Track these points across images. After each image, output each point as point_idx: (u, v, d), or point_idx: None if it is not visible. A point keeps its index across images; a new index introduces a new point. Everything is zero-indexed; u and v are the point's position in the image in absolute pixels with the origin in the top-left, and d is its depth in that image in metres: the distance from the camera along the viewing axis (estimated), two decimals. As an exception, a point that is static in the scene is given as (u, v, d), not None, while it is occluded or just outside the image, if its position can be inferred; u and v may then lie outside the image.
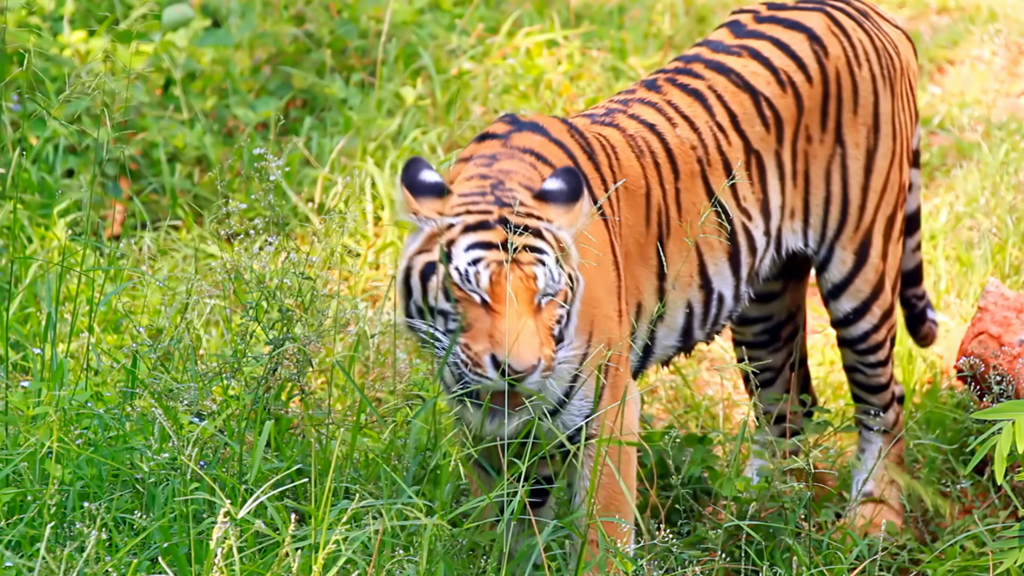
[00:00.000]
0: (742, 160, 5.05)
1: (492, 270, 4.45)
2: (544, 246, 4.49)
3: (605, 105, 5.06)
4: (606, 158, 4.84)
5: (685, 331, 5.05)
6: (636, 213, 4.87)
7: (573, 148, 4.79)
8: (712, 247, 5.02)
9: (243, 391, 4.76)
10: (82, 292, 5.93)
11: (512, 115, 4.85)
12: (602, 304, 4.68)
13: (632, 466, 4.74)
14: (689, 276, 5.00)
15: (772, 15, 5.23)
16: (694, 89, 5.06)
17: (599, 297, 4.67)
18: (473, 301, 4.45)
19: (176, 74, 7.89)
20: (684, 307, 5.01)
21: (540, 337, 4.41)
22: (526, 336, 4.39)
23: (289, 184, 7.50)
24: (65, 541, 4.31)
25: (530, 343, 4.39)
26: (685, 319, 5.03)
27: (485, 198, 4.55)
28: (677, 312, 5.00)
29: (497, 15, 9.00)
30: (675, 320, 5.02)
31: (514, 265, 4.44)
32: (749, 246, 5.09)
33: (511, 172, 4.64)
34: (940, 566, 4.96)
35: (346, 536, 4.18)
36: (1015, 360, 5.45)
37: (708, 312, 5.06)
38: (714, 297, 5.06)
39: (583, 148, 4.81)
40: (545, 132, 4.78)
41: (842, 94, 5.19)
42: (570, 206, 4.56)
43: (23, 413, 4.70)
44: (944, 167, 8.19)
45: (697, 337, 5.08)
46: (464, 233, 4.49)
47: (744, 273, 5.10)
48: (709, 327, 5.09)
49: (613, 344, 4.69)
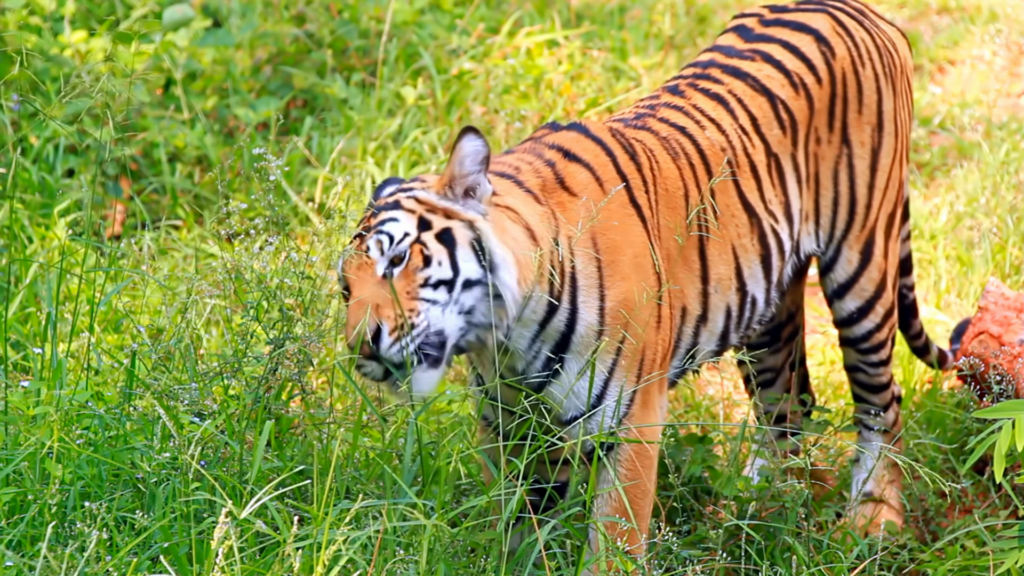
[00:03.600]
0: (766, 163, 5.05)
1: (343, 262, 4.50)
2: (394, 215, 4.51)
3: (633, 111, 5.05)
4: (647, 160, 4.82)
5: (723, 335, 5.03)
6: (676, 215, 4.85)
7: (613, 146, 4.77)
8: (746, 250, 5.01)
9: (243, 391, 4.76)
10: (82, 292, 5.93)
11: (555, 122, 4.85)
12: (638, 308, 4.65)
13: (653, 471, 4.73)
14: (729, 279, 4.99)
15: (777, 18, 5.24)
16: (716, 93, 5.06)
17: (634, 300, 4.64)
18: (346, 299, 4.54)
19: (177, 74, 7.89)
20: (724, 310, 4.99)
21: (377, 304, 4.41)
22: (357, 313, 4.40)
23: (289, 184, 7.50)
24: (66, 541, 4.31)
25: (360, 317, 4.39)
26: (724, 322, 5.01)
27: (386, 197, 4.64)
28: (719, 316, 4.99)
29: (498, 15, 9.00)
30: (716, 324, 4.99)
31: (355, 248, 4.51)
32: (779, 249, 5.09)
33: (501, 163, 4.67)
34: (940, 566, 4.96)
35: (347, 536, 4.18)
36: (1015, 360, 5.45)
37: (743, 315, 5.05)
38: (748, 300, 5.05)
39: (624, 148, 4.79)
40: (583, 130, 4.77)
41: (848, 94, 5.19)
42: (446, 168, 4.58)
43: (23, 413, 4.70)
44: (944, 167, 8.19)
45: (732, 341, 5.06)
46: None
47: (775, 277, 5.09)
48: (743, 330, 5.07)
49: (647, 349, 4.67)
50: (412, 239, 4.46)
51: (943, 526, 5.46)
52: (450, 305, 4.47)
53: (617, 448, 4.66)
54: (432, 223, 4.49)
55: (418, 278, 4.45)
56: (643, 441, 4.66)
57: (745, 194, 5.00)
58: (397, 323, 4.40)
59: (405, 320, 4.41)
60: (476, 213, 4.50)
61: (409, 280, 4.45)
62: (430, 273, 4.46)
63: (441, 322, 4.45)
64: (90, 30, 7.87)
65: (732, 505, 5.24)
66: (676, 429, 5.60)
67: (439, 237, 4.48)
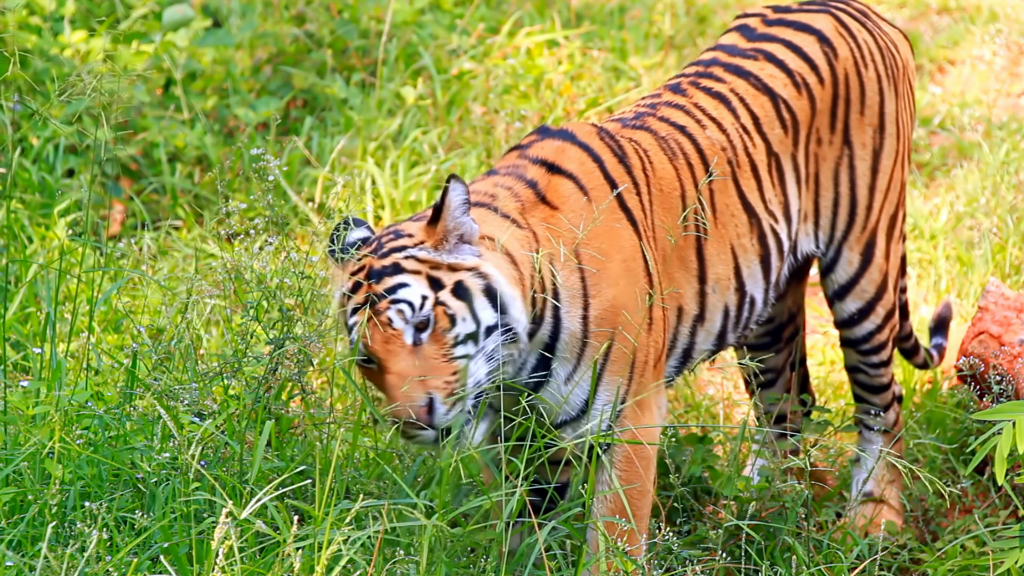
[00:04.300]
0: (766, 163, 5.05)
1: (362, 334, 4.40)
2: (402, 280, 4.43)
3: (633, 109, 5.04)
4: (639, 161, 4.81)
5: (720, 335, 5.03)
6: (672, 215, 4.85)
7: (601, 151, 4.75)
8: (745, 250, 5.01)
9: (243, 391, 4.76)
10: (82, 292, 5.93)
11: (545, 126, 4.83)
12: (628, 312, 4.65)
13: (651, 472, 4.73)
14: (727, 279, 4.98)
15: (780, 18, 5.24)
16: (717, 92, 5.06)
17: (624, 304, 4.63)
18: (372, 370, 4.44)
19: (177, 74, 7.89)
20: (722, 310, 4.99)
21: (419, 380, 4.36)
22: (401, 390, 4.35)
23: (289, 184, 7.50)
24: (66, 541, 4.31)
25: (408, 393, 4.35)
26: (722, 322, 5.01)
27: (369, 247, 4.51)
28: (716, 315, 4.98)
29: (498, 15, 9.00)
30: (714, 324, 4.99)
31: (374, 319, 4.39)
32: (778, 249, 5.08)
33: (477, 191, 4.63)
34: (940, 566, 4.96)
35: (347, 537, 4.18)
36: (1015, 360, 5.45)
37: (741, 315, 5.04)
38: (747, 300, 5.04)
39: (613, 151, 4.78)
40: (570, 136, 4.75)
41: (850, 95, 5.19)
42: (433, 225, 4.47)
43: (23, 413, 4.70)
44: (945, 167, 8.19)
45: (729, 341, 5.06)
46: (345, 302, 4.47)
47: (773, 277, 5.08)
48: (740, 331, 5.07)
49: (638, 352, 4.66)
50: (432, 301, 4.42)
51: (943, 526, 5.46)
52: (479, 355, 4.45)
53: (612, 449, 4.66)
54: (442, 280, 4.45)
55: (448, 339, 4.42)
56: (641, 442, 4.65)
57: (745, 194, 5.00)
58: (449, 392, 4.38)
59: (455, 388, 4.39)
60: (475, 258, 4.49)
61: (440, 344, 4.41)
62: (458, 331, 4.43)
63: (476, 374, 4.45)
64: (90, 30, 7.86)
65: (732, 505, 5.24)
66: (676, 429, 5.60)
67: (455, 293, 4.44)
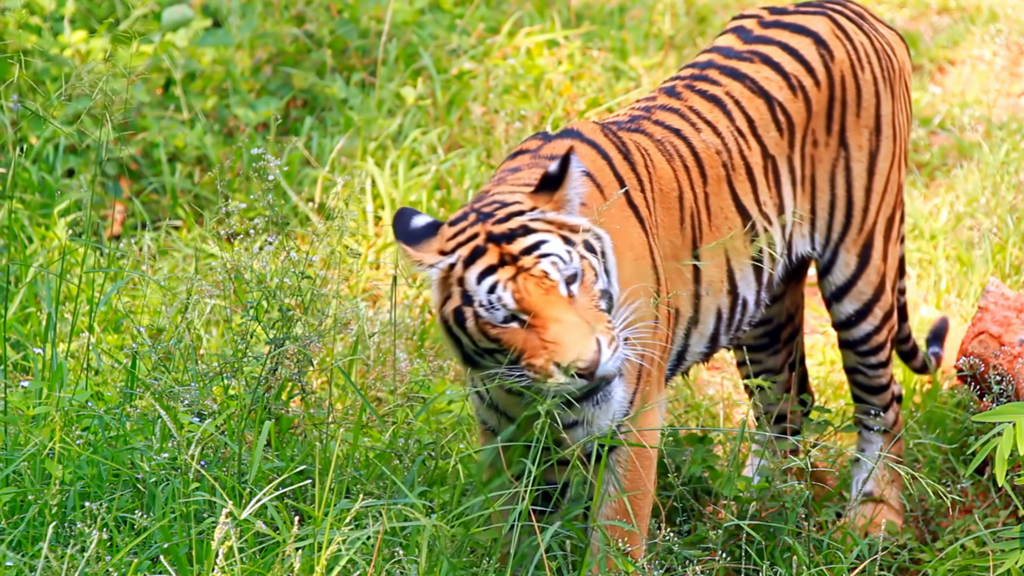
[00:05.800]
0: (762, 165, 5.05)
1: (511, 290, 4.39)
2: (541, 237, 4.43)
3: (628, 112, 5.04)
4: (642, 159, 4.82)
5: (713, 337, 5.03)
6: (671, 217, 4.85)
7: (608, 148, 4.76)
8: (739, 252, 5.01)
9: (243, 391, 4.76)
10: (82, 292, 5.93)
11: (545, 132, 4.84)
12: (641, 307, 4.65)
13: (652, 473, 4.73)
14: (720, 281, 4.99)
15: (776, 20, 5.23)
16: (713, 95, 5.06)
17: (637, 299, 4.64)
18: (513, 329, 4.40)
19: (176, 74, 7.89)
20: (715, 313, 4.99)
21: (587, 324, 4.34)
22: (573, 334, 4.33)
23: (289, 184, 7.50)
24: (66, 541, 4.31)
25: (580, 338, 4.33)
26: (715, 325, 5.01)
27: (468, 220, 4.49)
28: (709, 318, 4.99)
29: (498, 15, 9.00)
30: (707, 326, 4.99)
31: (524, 274, 4.39)
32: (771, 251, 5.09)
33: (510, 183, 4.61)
34: (940, 566, 4.96)
35: (347, 537, 4.18)
36: (1015, 360, 5.45)
37: (733, 318, 5.05)
38: (739, 302, 5.04)
39: (618, 148, 4.79)
40: (577, 135, 4.76)
41: (847, 97, 5.19)
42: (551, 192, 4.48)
43: (23, 413, 4.70)
44: (944, 167, 8.19)
45: (721, 343, 5.06)
46: (467, 268, 4.43)
47: (765, 279, 5.09)
48: (732, 333, 5.07)
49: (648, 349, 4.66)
50: (578, 255, 4.43)
51: (943, 526, 5.46)
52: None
53: (617, 449, 4.66)
54: (572, 239, 4.45)
55: (595, 292, 4.43)
56: (644, 445, 4.66)
57: (739, 196, 5.00)
58: (611, 339, 4.36)
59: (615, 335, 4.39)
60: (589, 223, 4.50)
61: (590, 296, 4.41)
62: (600, 285, 4.44)
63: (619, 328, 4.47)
64: (90, 30, 7.87)
65: (732, 505, 5.24)
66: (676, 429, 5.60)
67: (589, 250, 4.46)
